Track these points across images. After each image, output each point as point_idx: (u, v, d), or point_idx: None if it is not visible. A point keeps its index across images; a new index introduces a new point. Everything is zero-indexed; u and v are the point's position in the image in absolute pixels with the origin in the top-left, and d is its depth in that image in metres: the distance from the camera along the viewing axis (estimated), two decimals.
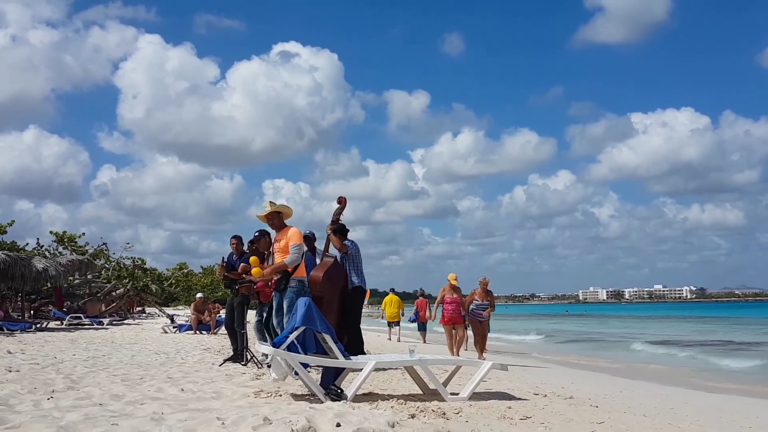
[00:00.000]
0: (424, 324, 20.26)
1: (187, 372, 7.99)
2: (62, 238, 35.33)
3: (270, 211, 7.58)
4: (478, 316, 12.44)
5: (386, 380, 7.15)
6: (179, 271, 50.96)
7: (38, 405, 5.20)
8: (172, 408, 5.12)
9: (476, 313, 12.43)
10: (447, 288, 12.51)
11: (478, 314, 12.43)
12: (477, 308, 12.39)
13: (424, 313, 19.88)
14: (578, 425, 4.68)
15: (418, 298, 21.34)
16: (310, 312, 5.75)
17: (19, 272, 21.07)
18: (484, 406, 5.35)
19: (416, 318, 20.70)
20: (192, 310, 21.30)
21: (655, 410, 6.10)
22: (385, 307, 21.72)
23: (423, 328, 20.51)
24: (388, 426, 4.30)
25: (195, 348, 12.69)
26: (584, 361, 16.75)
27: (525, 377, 9.09)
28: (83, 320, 25.30)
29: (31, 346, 12.68)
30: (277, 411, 4.76)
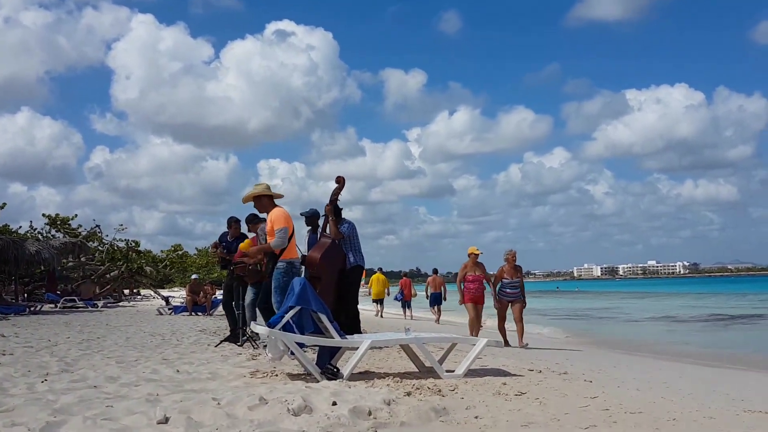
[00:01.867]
0: (408, 302, 22.15)
1: (183, 353, 7.99)
2: (55, 220, 35.18)
3: (250, 194, 7.52)
4: (509, 296, 11.00)
5: (382, 359, 7.17)
6: (174, 252, 50.88)
7: (32, 388, 5.20)
8: (168, 389, 5.12)
9: (507, 293, 11.01)
10: (469, 264, 11.11)
11: (508, 294, 11.01)
12: (507, 287, 10.98)
13: (408, 291, 22.21)
14: (573, 400, 4.71)
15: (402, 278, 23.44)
16: (305, 291, 5.74)
17: (12, 255, 21.03)
18: (479, 382, 5.37)
19: (402, 296, 22.34)
20: (187, 291, 21.33)
21: (648, 385, 6.14)
22: (372, 285, 22.65)
23: (407, 305, 22.21)
24: (384, 404, 4.31)
25: (190, 329, 12.70)
26: (577, 338, 16.86)
27: (520, 354, 9.13)
28: (77, 303, 25.31)
29: (25, 329, 12.67)
30: (273, 391, 4.77)
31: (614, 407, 4.41)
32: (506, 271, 10.99)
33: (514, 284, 10.92)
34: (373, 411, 4.10)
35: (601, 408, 4.38)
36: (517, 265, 11.07)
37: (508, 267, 11.02)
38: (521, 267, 11.20)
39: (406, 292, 22.27)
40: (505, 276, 10.95)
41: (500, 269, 11.09)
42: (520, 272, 11.12)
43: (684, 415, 4.22)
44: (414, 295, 22.55)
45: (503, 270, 11.03)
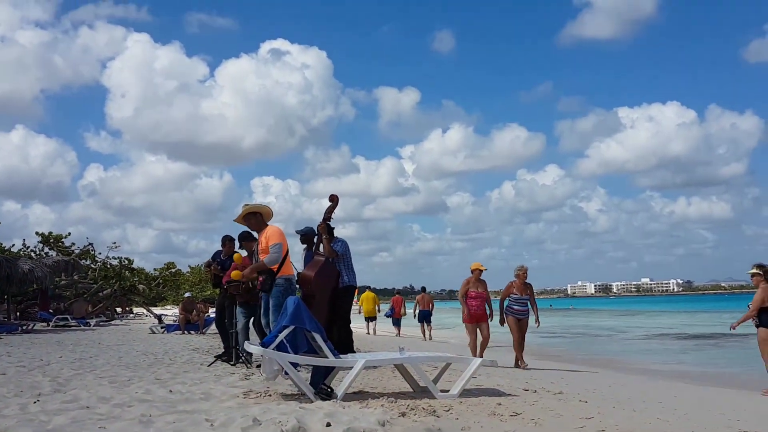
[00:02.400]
0: (398, 319, 22.73)
1: (176, 373, 7.94)
2: (48, 238, 35.04)
3: (243, 213, 7.54)
4: (517, 314, 10.57)
5: (376, 378, 7.14)
6: (167, 270, 50.68)
7: (24, 409, 5.15)
8: (161, 410, 5.08)
9: (515, 310, 10.59)
10: (471, 280, 10.67)
11: (516, 311, 10.59)
12: (515, 303, 10.59)
13: (399, 309, 22.72)
14: (568, 420, 4.69)
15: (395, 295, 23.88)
16: (299, 311, 5.73)
17: (5, 273, 20.92)
18: (474, 402, 5.36)
19: (392, 314, 22.91)
20: (180, 309, 21.23)
21: (644, 405, 6.14)
22: (363, 303, 23.13)
23: (397, 323, 22.76)
24: (379, 425, 4.29)
25: (183, 348, 12.63)
26: (571, 356, 16.83)
27: (515, 373, 9.11)
28: (70, 321, 25.14)
29: (17, 348, 12.56)
30: (267, 411, 4.74)
31: (610, 428, 4.40)
32: (516, 287, 10.58)
33: (523, 301, 10.55)
34: None
35: (597, 429, 4.37)
36: (527, 282, 10.67)
37: (519, 283, 10.61)
38: (531, 285, 10.79)
39: (396, 309, 22.80)
40: (514, 292, 10.55)
41: (509, 285, 10.65)
42: (530, 289, 10.70)
43: None
44: (404, 314, 23.08)
45: (512, 285, 10.60)
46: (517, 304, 10.55)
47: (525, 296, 10.53)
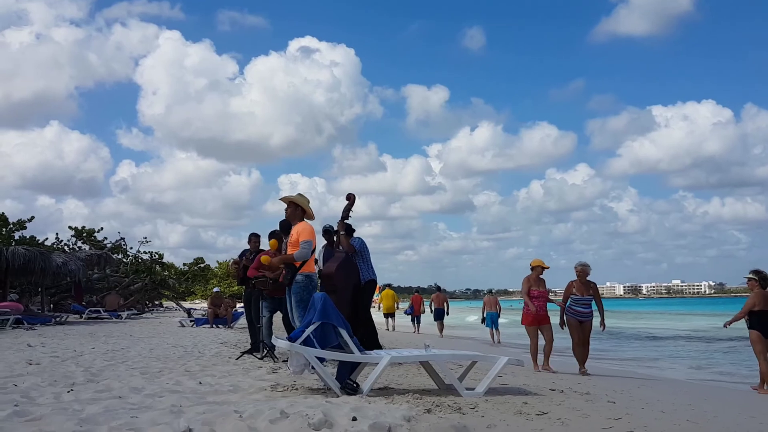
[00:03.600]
0: (418, 317, 23.49)
1: (205, 365, 8.06)
2: (81, 232, 35.70)
3: (293, 198, 7.60)
4: (578, 315, 9.70)
5: (402, 375, 7.17)
6: (196, 265, 51.25)
7: (59, 398, 5.28)
8: (191, 401, 5.18)
9: (576, 311, 9.72)
10: (532, 278, 9.95)
11: (578, 313, 9.71)
12: (576, 304, 9.72)
13: (418, 307, 23.38)
14: (595, 421, 4.67)
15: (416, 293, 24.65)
16: (326, 306, 5.78)
17: (39, 266, 21.36)
18: (500, 401, 5.35)
19: (411, 311, 23.68)
20: (209, 304, 21.49)
21: (673, 406, 6.07)
22: (382, 300, 24.04)
23: (417, 320, 23.57)
24: (404, 420, 4.32)
25: (212, 342, 12.80)
26: (600, 357, 16.67)
27: (541, 373, 9.07)
28: (102, 314, 25.61)
29: (51, 339, 12.85)
30: (294, 405, 4.79)
31: (638, 429, 4.37)
32: (576, 287, 9.73)
33: (586, 302, 9.66)
34: (393, 428, 4.11)
35: (625, 429, 4.34)
36: (589, 281, 9.81)
37: (579, 282, 9.76)
38: (595, 284, 9.90)
39: (416, 307, 23.52)
40: (575, 292, 9.70)
41: (569, 285, 9.84)
42: (594, 288, 9.82)
43: None
44: (423, 312, 23.73)
45: (572, 285, 9.77)
46: (578, 305, 9.68)
47: (588, 297, 9.68)
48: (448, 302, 22.56)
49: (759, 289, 8.88)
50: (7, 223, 29.30)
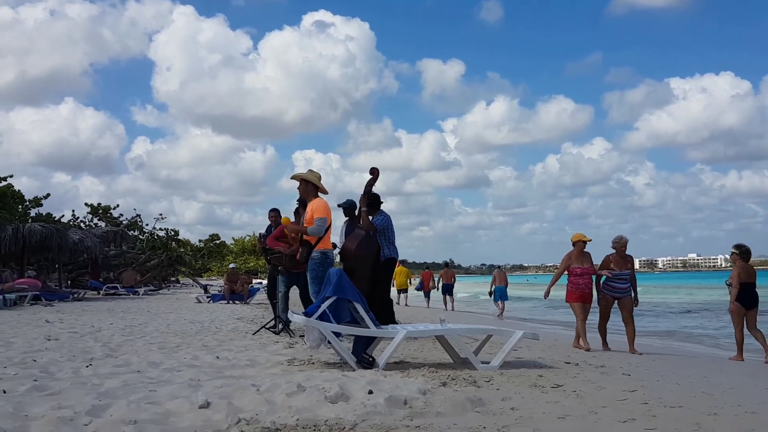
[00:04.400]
0: (428, 292, 24.33)
1: (222, 340, 8.14)
2: (97, 209, 35.99)
3: (303, 175, 7.61)
4: (617, 292, 9.24)
5: (417, 349, 7.20)
6: (211, 242, 51.62)
7: (78, 372, 5.35)
8: (209, 375, 5.23)
9: (613, 287, 9.24)
10: (574, 254, 9.28)
11: (616, 288, 9.24)
12: (614, 280, 9.23)
13: (428, 283, 24.26)
14: (610, 393, 4.67)
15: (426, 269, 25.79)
16: (342, 281, 5.79)
17: (56, 243, 21.59)
18: (515, 374, 5.37)
19: (421, 287, 24.68)
20: (225, 280, 21.65)
21: (688, 379, 6.06)
22: (396, 276, 24.23)
23: (427, 295, 24.47)
24: (420, 393, 4.34)
25: (229, 317, 12.91)
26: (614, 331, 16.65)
27: (556, 346, 9.08)
28: (119, 290, 25.90)
29: (69, 315, 13.02)
30: (311, 378, 4.83)
31: (653, 401, 4.37)
32: (614, 262, 9.27)
33: (623, 277, 9.21)
34: (409, 400, 4.13)
35: (639, 402, 4.34)
36: (627, 255, 9.38)
37: (617, 257, 9.31)
38: (632, 257, 9.52)
39: (426, 283, 24.34)
40: (612, 267, 9.24)
41: (606, 259, 9.38)
42: (631, 263, 9.42)
43: (725, 410, 4.16)
44: (433, 287, 24.28)
45: (610, 260, 9.32)
46: (616, 281, 9.23)
47: (626, 272, 9.22)
48: (455, 278, 23.60)
49: (741, 262, 9.27)
50: (23, 200, 29.60)
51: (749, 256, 9.36)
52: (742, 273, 9.18)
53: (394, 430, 3.47)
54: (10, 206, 26.89)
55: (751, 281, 9.21)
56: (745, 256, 9.28)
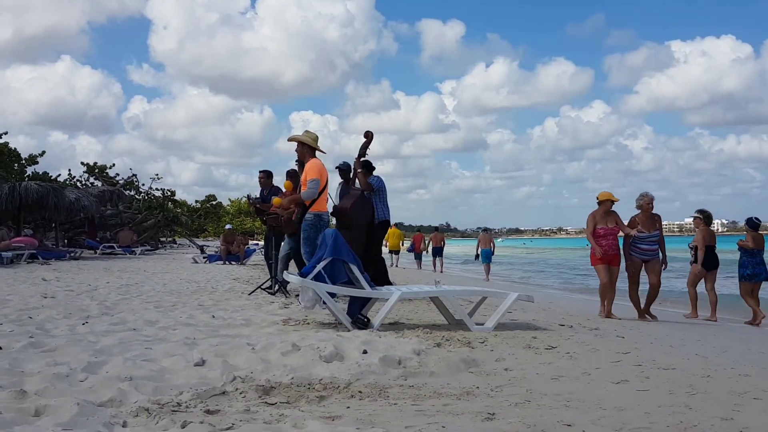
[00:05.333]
0: (419, 254, 25.13)
1: (218, 300, 8.17)
2: (93, 169, 35.82)
3: (296, 137, 7.56)
4: (644, 254, 8.60)
5: (412, 310, 7.23)
6: (207, 203, 51.50)
7: (74, 330, 5.37)
8: (204, 333, 5.25)
9: (640, 249, 8.59)
10: (599, 213, 8.59)
11: (643, 251, 8.59)
12: (640, 242, 8.57)
13: (419, 245, 24.89)
14: (604, 355, 4.70)
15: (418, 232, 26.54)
16: (338, 242, 5.78)
17: (52, 202, 21.52)
18: (509, 336, 5.39)
19: (413, 249, 25.38)
20: (221, 241, 21.67)
21: (682, 341, 6.11)
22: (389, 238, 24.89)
23: (418, 257, 25.31)
24: (414, 354, 4.36)
25: (225, 278, 12.95)
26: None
27: (551, 309, 9.13)
28: (116, 250, 25.93)
29: (66, 274, 13.04)
30: (305, 338, 4.85)
31: (647, 363, 4.40)
32: (640, 222, 8.62)
33: (652, 239, 8.55)
34: (403, 360, 4.16)
35: (633, 363, 4.37)
36: (654, 214, 8.69)
37: (643, 216, 8.65)
38: (660, 216, 8.78)
39: (417, 245, 25.06)
40: (639, 229, 8.59)
41: (632, 220, 8.73)
42: (658, 223, 8.71)
43: (718, 372, 4.19)
44: (425, 249, 25.04)
45: (635, 221, 8.67)
46: (643, 242, 8.56)
47: (654, 233, 8.56)
48: (444, 241, 24.61)
49: (704, 226, 9.79)
50: (19, 158, 29.41)
51: (711, 220, 10.16)
52: (707, 236, 9.65)
53: (388, 389, 3.49)
54: (6, 164, 26.74)
55: (713, 244, 9.77)
56: (708, 220, 9.93)
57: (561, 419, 2.91)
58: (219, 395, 3.28)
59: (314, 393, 3.37)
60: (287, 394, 3.34)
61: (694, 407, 3.17)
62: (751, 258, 9.50)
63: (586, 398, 3.35)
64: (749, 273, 9.47)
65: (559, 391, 3.49)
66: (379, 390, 3.47)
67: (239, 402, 3.19)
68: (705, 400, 3.34)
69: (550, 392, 3.47)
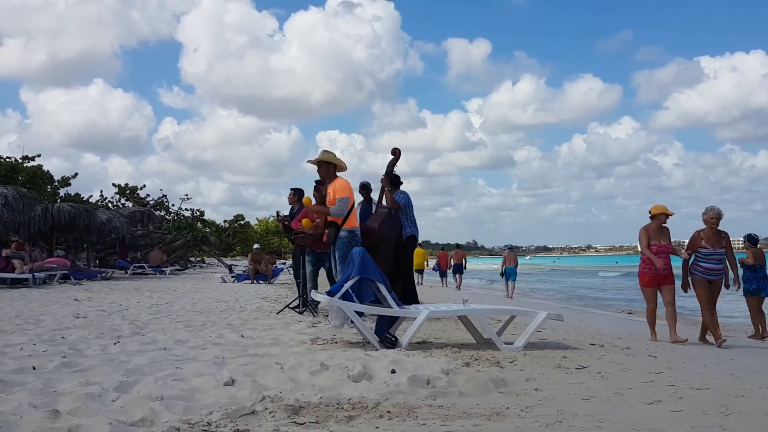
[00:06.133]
0: (444, 272, 25.67)
1: (246, 319, 8.21)
2: (124, 190, 36.42)
3: (319, 158, 7.59)
4: (707, 273, 7.89)
5: (440, 329, 7.20)
6: (236, 222, 51.95)
7: (105, 349, 5.44)
8: (233, 353, 5.28)
9: (704, 269, 7.90)
10: (651, 228, 8.04)
11: (707, 270, 7.89)
12: (705, 260, 7.89)
13: (444, 263, 25.36)
14: (636, 375, 4.63)
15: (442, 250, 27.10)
16: (365, 261, 5.79)
17: (84, 223, 21.88)
18: (539, 355, 5.34)
19: (438, 267, 25.90)
20: (249, 260, 21.82)
21: (715, 360, 5.99)
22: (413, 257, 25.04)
23: (443, 275, 25.85)
24: (443, 373, 4.33)
25: (253, 297, 13.02)
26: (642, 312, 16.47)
27: (581, 327, 9.02)
28: (146, 269, 26.25)
29: (98, 293, 13.23)
30: (334, 357, 4.85)
31: (680, 383, 4.32)
32: (705, 239, 7.88)
33: (717, 257, 7.86)
34: (432, 380, 4.14)
35: (666, 384, 4.29)
36: (721, 231, 7.97)
37: (708, 232, 7.90)
38: (727, 234, 8.09)
39: (442, 264, 25.59)
40: (702, 245, 7.86)
41: (695, 235, 7.98)
42: (726, 240, 8.01)
43: (753, 392, 4.10)
44: (449, 267, 25.46)
45: (700, 236, 7.92)
46: (707, 261, 7.86)
47: (719, 250, 7.89)
48: (466, 258, 25.13)
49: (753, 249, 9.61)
50: (52, 180, 30.02)
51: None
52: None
53: (417, 410, 3.48)
54: (39, 186, 27.30)
55: None
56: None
57: None
58: (248, 415, 3.29)
59: (343, 413, 3.37)
60: (316, 414, 3.34)
61: (728, 428, 3.11)
62: (754, 273, 9.39)
63: (619, 419, 3.30)
64: (754, 288, 9.34)
65: (591, 412, 3.44)
66: (408, 410, 3.46)
67: (268, 422, 3.20)
68: (739, 421, 3.27)
69: (582, 413, 3.42)
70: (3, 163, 26.88)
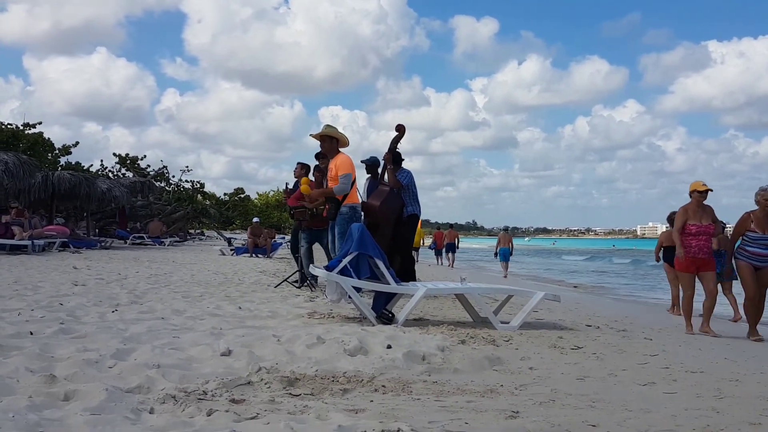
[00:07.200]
0: (439, 250, 26.25)
1: (244, 292, 8.24)
2: (125, 160, 36.34)
3: (322, 132, 7.53)
4: (756, 259, 6.95)
5: (437, 307, 7.22)
6: (236, 196, 51.90)
7: (103, 317, 5.46)
8: (231, 324, 5.31)
9: (752, 254, 6.97)
10: (690, 208, 7.16)
11: (755, 255, 6.95)
12: (753, 244, 6.97)
13: (440, 242, 25.97)
14: (631, 357, 4.65)
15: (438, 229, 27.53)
16: (364, 237, 5.79)
17: (84, 192, 21.85)
18: (534, 335, 5.36)
19: (434, 246, 26.67)
20: (248, 234, 21.84)
21: (711, 344, 6.01)
22: None
23: (438, 253, 26.46)
24: (438, 350, 4.35)
25: (251, 270, 13.05)
26: (640, 295, 16.56)
27: (578, 309, 9.05)
28: (145, 240, 26.30)
29: (97, 262, 13.26)
30: (330, 331, 4.88)
31: (675, 366, 4.34)
32: (755, 221, 6.97)
33: (765, 241, 6.94)
34: (427, 356, 4.15)
35: (660, 366, 4.31)
36: None
37: (760, 214, 6.98)
38: None
39: (438, 242, 26.30)
40: (752, 228, 6.97)
41: (744, 217, 7.08)
42: None
43: (747, 377, 4.12)
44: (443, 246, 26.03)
45: (749, 218, 7.02)
46: (756, 245, 6.95)
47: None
48: (458, 238, 26.27)
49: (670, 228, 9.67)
50: (52, 148, 29.93)
51: None
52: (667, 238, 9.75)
53: (412, 385, 3.49)
54: (40, 154, 27.22)
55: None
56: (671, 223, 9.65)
57: (586, 419, 2.88)
58: (244, 385, 3.31)
59: (338, 386, 3.39)
60: (311, 386, 3.36)
61: (721, 411, 3.13)
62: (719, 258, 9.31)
63: (612, 399, 3.31)
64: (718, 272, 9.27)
65: (585, 392, 3.46)
66: (403, 385, 3.48)
67: (264, 392, 3.22)
68: (733, 404, 3.29)
69: (576, 392, 3.44)
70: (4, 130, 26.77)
